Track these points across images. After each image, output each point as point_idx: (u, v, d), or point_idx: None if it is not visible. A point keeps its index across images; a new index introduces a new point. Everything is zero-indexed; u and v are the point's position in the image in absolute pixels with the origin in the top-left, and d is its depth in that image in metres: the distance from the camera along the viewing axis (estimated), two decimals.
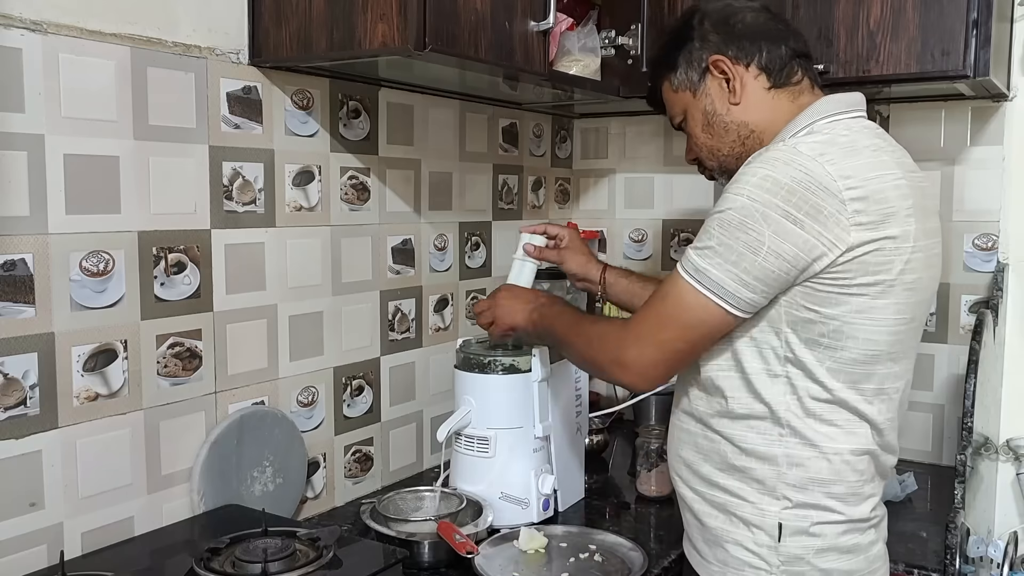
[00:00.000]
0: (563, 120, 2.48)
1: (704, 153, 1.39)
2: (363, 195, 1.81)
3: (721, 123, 1.34)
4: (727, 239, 1.16)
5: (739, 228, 1.15)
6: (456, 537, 1.45)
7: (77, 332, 1.33)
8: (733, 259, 1.15)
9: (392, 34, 1.38)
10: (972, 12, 1.65)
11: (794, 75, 1.32)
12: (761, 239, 1.14)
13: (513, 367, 1.66)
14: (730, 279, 1.16)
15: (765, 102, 1.32)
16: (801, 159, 1.15)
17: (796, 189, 1.13)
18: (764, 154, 1.19)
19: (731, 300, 1.17)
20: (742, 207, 1.15)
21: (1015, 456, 2.00)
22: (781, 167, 1.15)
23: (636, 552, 1.51)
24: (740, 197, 1.15)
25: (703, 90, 1.34)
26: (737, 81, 1.31)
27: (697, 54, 1.34)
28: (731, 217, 1.16)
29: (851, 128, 1.24)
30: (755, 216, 1.14)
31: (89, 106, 1.32)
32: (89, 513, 1.36)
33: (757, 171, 1.16)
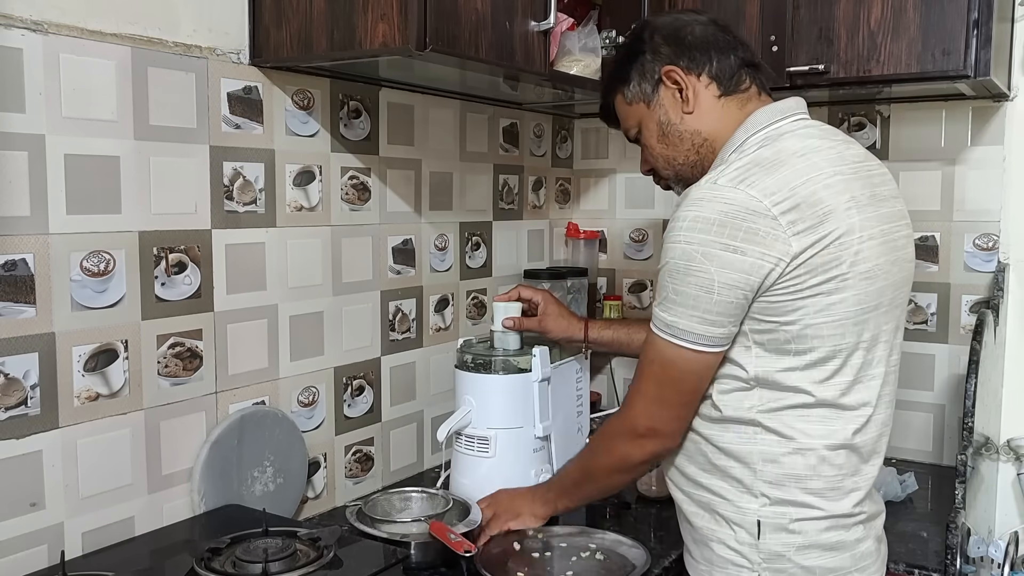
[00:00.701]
0: (564, 120, 2.48)
1: (660, 163, 1.41)
2: (364, 195, 1.81)
3: (676, 132, 1.36)
4: (680, 286, 1.20)
5: (686, 273, 1.19)
6: (451, 536, 1.45)
7: (78, 332, 1.33)
8: (691, 303, 1.20)
9: (392, 34, 1.38)
10: (973, 12, 1.65)
11: (742, 83, 1.34)
12: (711, 277, 1.17)
13: (513, 367, 1.66)
14: (696, 323, 1.20)
15: (716, 110, 1.34)
16: (721, 192, 1.18)
17: (726, 221, 1.16)
18: (690, 194, 1.22)
19: (705, 342, 1.21)
20: (682, 253, 1.19)
21: (1016, 456, 2.00)
22: (706, 205, 1.18)
23: (637, 549, 1.51)
24: (678, 244, 1.20)
25: (657, 101, 1.36)
26: (690, 90, 1.33)
27: (650, 66, 1.36)
28: (676, 265, 1.20)
29: (783, 136, 1.27)
30: (696, 257, 1.18)
31: (90, 106, 1.32)
32: (90, 513, 1.36)
33: (686, 215, 1.19)
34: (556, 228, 2.48)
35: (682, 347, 1.22)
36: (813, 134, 1.29)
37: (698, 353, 1.22)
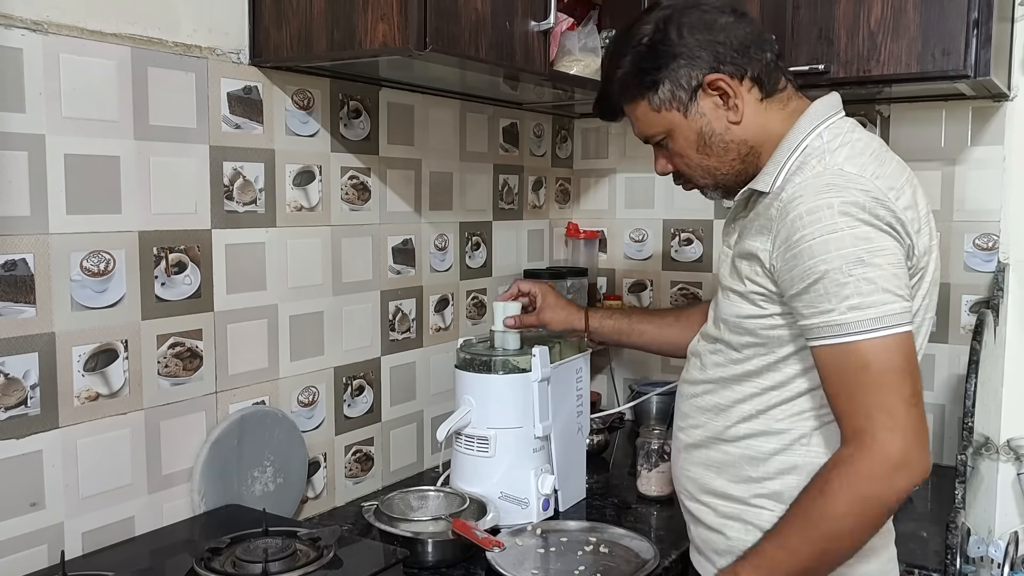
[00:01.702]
0: (564, 120, 2.48)
1: (697, 172, 1.30)
2: (363, 195, 1.81)
3: (720, 143, 1.25)
4: (872, 272, 1.08)
5: (874, 254, 1.08)
6: (477, 534, 1.46)
7: (78, 332, 1.33)
8: (894, 284, 1.09)
9: (392, 34, 1.38)
10: (973, 12, 1.65)
11: (779, 81, 1.26)
12: (895, 252, 1.10)
13: (513, 367, 1.66)
14: (907, 301, 1.10)
15: (760, 115, 1.25)
16: (854, 179, 1.11)
17: (874, 206, 1.10)
18: (808, 183, 1.13)
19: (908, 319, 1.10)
20: (854, 238, 1.08)
21: (1016, 456, 2.00)
22: (846, 191, 1.10)
23: (641, 542, 1.53)
24: (842, 232, 1.08)
25: (696, 110, 1.24)
26: (739, 99, 1.23)
27: (686, 72, 1.23)
28: (853, 254, 1.08)
29: (856, 129, 1.22)
30: (873, 237, 1.09)
31: (90, 106, 1.32)
32: (90, 513, 1.36)
33: (830, 201, 1.09)
34: (556, 228, 2.48)
35: (905, 332, 1.09)
36: (867, 133, 1.24)
37: (909, 334, 1.09)
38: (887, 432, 1.07)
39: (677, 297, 2.42)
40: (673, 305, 2.42)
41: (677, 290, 2.42)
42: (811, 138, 1.22)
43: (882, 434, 1.07)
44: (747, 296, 1.22)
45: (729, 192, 1.32)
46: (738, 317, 1.24)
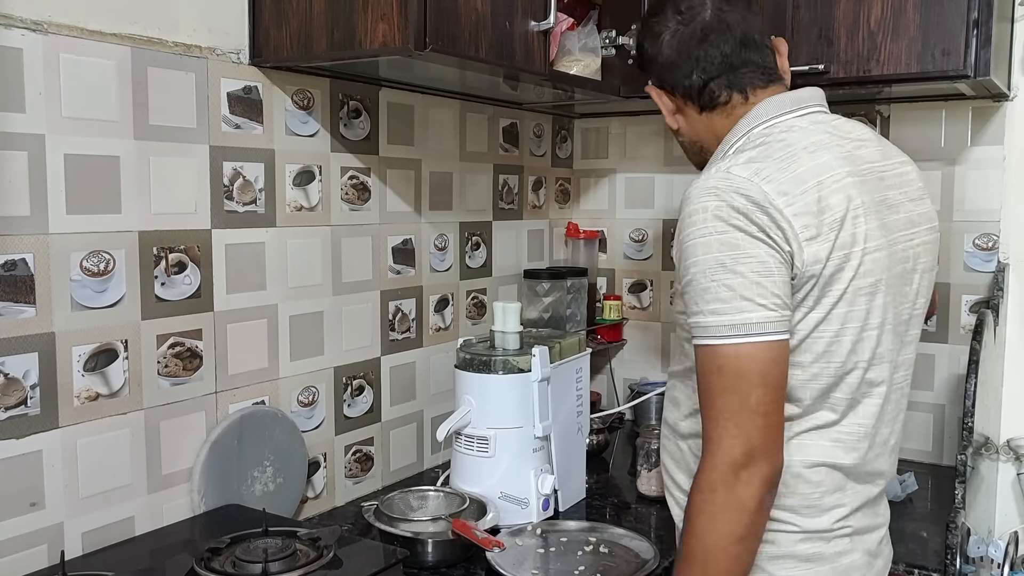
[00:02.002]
0: (563, 120, 2.48)
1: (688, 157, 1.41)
2: (363, 195, 1.81)
3: (680, 138, 1.37)
4: (732, 279, 1.09)
5: (736, 261, 1.09)
6: (477, 534, 1.46)
7: (78, 332, 1.33)
8: (755, 291, 1.09)
9: (392, 34, 1.38)
10: (973, 12, 1.65)
11: (718, 97, 1.27)
12: (764, 259, 1.09)
13: (513, 367, 1.66)
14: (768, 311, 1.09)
15: (702, 122, 1.31)
16: (737, 182, 1.12)
17: (749, 209, 1.10)
18: (698, 184, 1.15)
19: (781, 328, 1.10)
20: (721, 243, 1.10)
21: (1015, 456, 2.00)
22: (724, 193, 1.11)
23: (641, 542, 1.53)
24: (710, 237, 1.11)
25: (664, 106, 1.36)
26: (675, 109, 1.33)
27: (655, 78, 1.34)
28: (717, 259, 1.10)
29: (791, 129, 1.20)
30: (740, 244, 1.09)
31: (89, 106, 1.32)
32: (89, 513, 1.36)
33: (705, 205, 1.12)
34: (556, 228, 2.48)
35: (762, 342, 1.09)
36: (825, 129, 1.22)
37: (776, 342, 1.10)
38: (731, 439, 1.09)
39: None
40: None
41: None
42: (752, 133, 1.22)
43: (727, 441, 1.09)
44: (678, 292, 1.22)
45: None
46: (677, 312, 1.28)
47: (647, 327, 2.48)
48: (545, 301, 2.26)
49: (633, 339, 2.50)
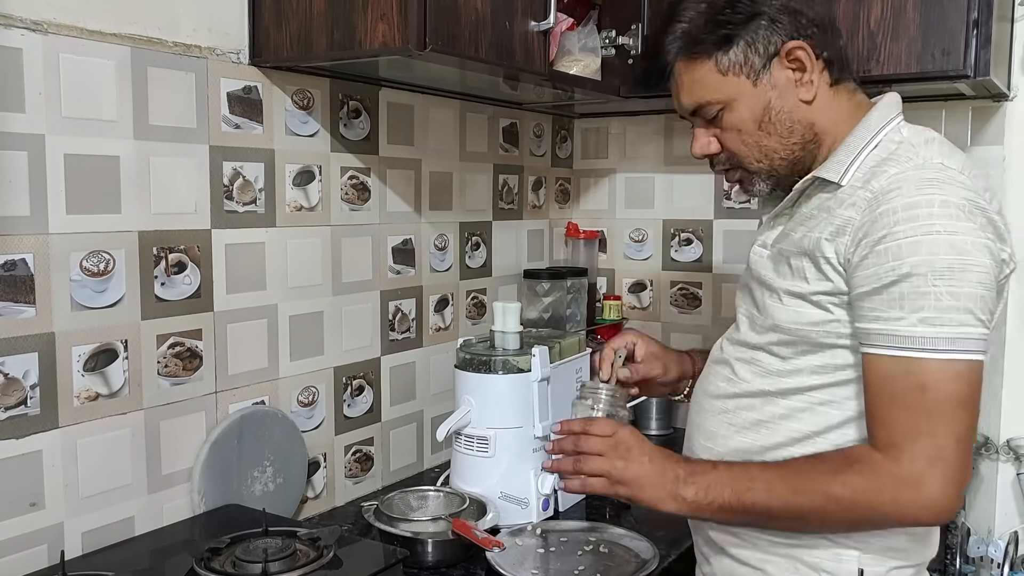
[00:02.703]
0: (563, 120, 2.48)
1: (753, 153, 1.17)
2: (363, 195, 1.81)
3: (786, 121, 1.14)
4: (961, 287, 0.98)
5: (964, 270, 0.98)
6: (477, 534, 1.46)
7: (77, 332, 1.33)
8: (979, 306, 0.99)
9: (392, 34, 1.38)
10: (972, 12, 1.65)
11: (846, 69, 1.18)
12: (989, 271, 0.99)
13: (513, 367, 1.66)
14: (985, 328, 1.00)
15: (829, 100, 1.15)
16: (954, 175, 1.03)
17: (973, 209, 1.00)
18: (909, 175, 1.03)
19: (985, 347, 1.01)
20: (949, 245, 0.98)
21: (1015, 456, 2.00)
22: (947, 187, 1.01)
23: (641, 542, 1.52)
24: (938, 235, 0.98)
25: (767, 80, 1.13)
26: (814, 74, 1.13)
27: (765, 34, 1.12)
28: (945, 263, 0.98)
29: (929, 129, 1.14)
30: (968, 249, 0.98)
31: (89, 106, 1.32)
32: (89, 513, 1.36)
33: (930, 199, 1.00)
34: (556, 228, 2.48)
35: (977, 360, 0.99)
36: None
37: (980, 363, 1.00)
38: (927, 464, 0.99)
39: (677, 297, 2.42)
40: (675, 304, 2.42)
41: (677, 290, 2.42)
42: (888, 131, 1.12)
43: (921, 463, 0.99)
44: (809, 298, 1.10)
45: (779, 183, 1.20)
46: (797, 323, 1.11)
47: (647, 327, 2.47)
48: (545, 301, 2.26)
49: None
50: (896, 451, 1.00)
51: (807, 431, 1.12)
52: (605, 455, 1.17)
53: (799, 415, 1.13)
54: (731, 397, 1.20)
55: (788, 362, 1.13)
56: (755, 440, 1.16)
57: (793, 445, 1.13)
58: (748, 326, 1.20)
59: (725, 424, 1.20)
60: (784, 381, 1.14)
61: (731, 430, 1.19)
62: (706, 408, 1.24)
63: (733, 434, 1.19)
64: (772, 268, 1.16)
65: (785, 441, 1.14)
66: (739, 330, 1.22)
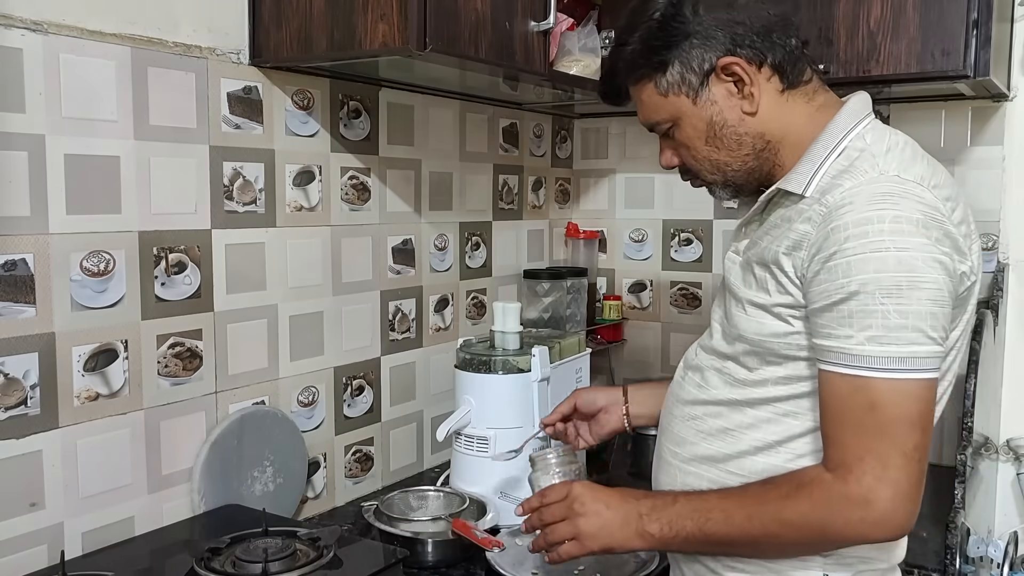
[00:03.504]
0: (563, 120, 2.48)
1: (705, 167, 1.18)
2: (363, 195, 1.81)
3: (732, 135, 1.14)
4: (909, 305, 0.97)
5: (912, 288, 0.97)
6: (477, 534, 1.46)
7: (77, 332, 1.33)
8: (929, 323, 0.98)
9: (392, 34, 1.38)
10: (972, 12, 1.65)
11: (804, 72, 1.14)
12: (940, 287, 0.98)
13: (513, 367, 1.66)
14: (936, 346, 0.99)
15: (780, 107, 1.13)
16: (910, 187, 1.01)
17: (929, 223, 0.98)
18: (862, 189, 1.02)
19: (936, 364, 1.00)
20: (898, 262, 0.97)
21: (1015, 456, 2.00)
22: (901, 202, 0.99)
23: None
24: (887, 252, 0.97)
25: (707, 97, 1.13)
26: (755, 87, 1.11)
27: (698, 53, 1.11)
28: (894, 280, 0.97)
29: (897, 133, 1.12)
30: (919, 266, 0.97)
31: (89, 106, 1.32)
32: (89, 513, 1.36)
33: (881, 214, 0.98)
34: (556, 228, 2.48)
35: (927, 379, 0.99)
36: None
37: (933, 381, 0.99)
38: (875, 482, 0.99)
39: (677, 297, 2.42)
40: (675, 304, 2.42)
41: (677, 290, 2.42)
42: (851, 138, 1.10)
43: (868, 481, 0.99)
44: (771, 309, 1.10)
45: (740, 191, 1.20)
46: (759, 334, 1.11)
47: (647, 327, 2.48)
48: (545, 301, 2.26)
49: (633, 339, 2.50)
50: (845, 471, 1.01)
51: (770, 440, 1.13)
52: (567, 518, 1.17)
53: (763, 425, 1.13)
54: (700, 404, 1.20)
55: (754, 372, 1.14)
56: (720, 448, 1.16)
57: (756, 454, 1.13)
58: (720, 334, 1.20)
59: (693, 430, 1.20)
60: (750, 391, 1.14)
61: (698, 436, 1.19)
62: (676, 413, 1.24)
63: (700, 440, 1.19)
64: (740, 277, 1.16)
65: (748, 450, 1.14)
66: (712, 337, 1.22)
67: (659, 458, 1.28)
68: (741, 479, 1.14)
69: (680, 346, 2.41)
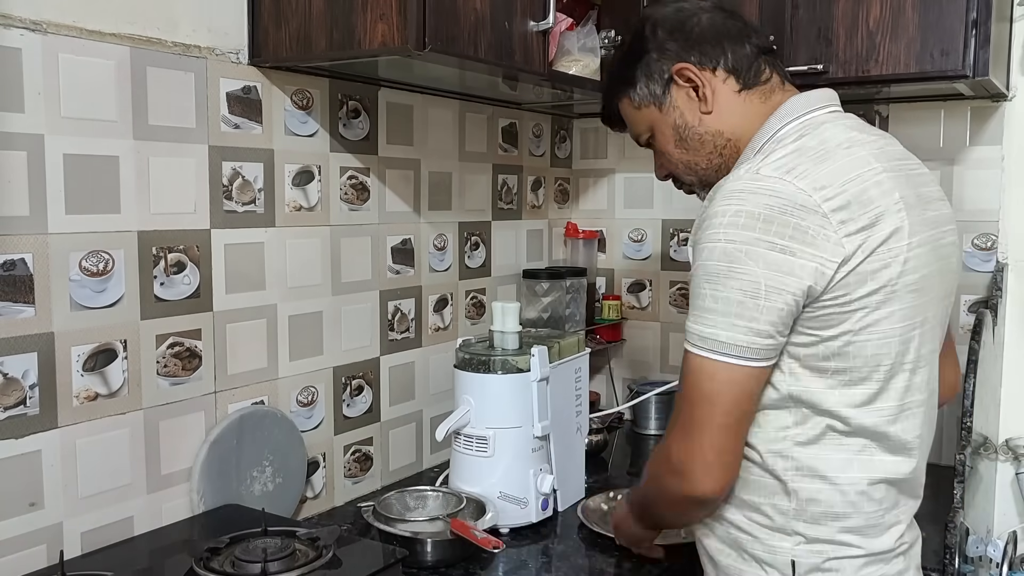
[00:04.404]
0: (562, 120, 2.49)
1: (680, 169, 1.29)
2: (363, 195, 1.81)
3: (695, 135, 1.24)
4: (721, 292, 1.06)
5: (728, 276, 1.06)
6: (476, 534, 1.46)
7: (77, 332, 1.33)
8: (735, 311, 1.06)
9: (392, 34, 1.38)
10: (971, 12, 1.65)
11: (762, 73, 1.23)
12: (757, 280, 1.05)
13: (512, 367, 1.66)
14: (740, 334, 1.06)
15: (737, 106, 1.22)
16: (767, 183, 1.07)
17: (773, 216, 1.04)
18: (725, 186, 1.10)
19: (750, 355, 1.07)
20: (723, 252, 1.06)
21: (1014, 456, 2.01)
22: (749, 197, 1.06)
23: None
24: (717, 243, 1.07)
25: (669, 103, 1.25)
26: (707, 88, 1.21)
27: (657, 65, 1.24)
28: (715, 268, 1.07)
29: (823, 126, 1.16)
30: (740, 257, 1.05)
31: (89, 106, 1.32)
32: (89, 513, 1.36)
33: (725, 209, 1.07)
34: (555, 228, 2.48)
35: (725, 362, 1.07)
36: (853, 126, 1.19)
37: (742, 368, 1.07)
38: (676, 443, 1.13)
39: (676, 297, 2.42)
40: (673, 302, 2.43)
41: (676, 290, 2.42)
42: (780, 133, 1.18)
43: (676, 450, 1.13)
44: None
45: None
46: None
47: (646, 327, 2.48)
48: (544, 301, 2.26)
49: (632, 339, 2.50)
50: (667, 440, 1.16)
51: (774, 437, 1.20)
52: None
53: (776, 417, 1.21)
54: None
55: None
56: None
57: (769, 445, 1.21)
58: None
59: None
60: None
61: None
62: None
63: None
64: None
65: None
66: None
67: None
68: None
69: (679, 346, 2.39)
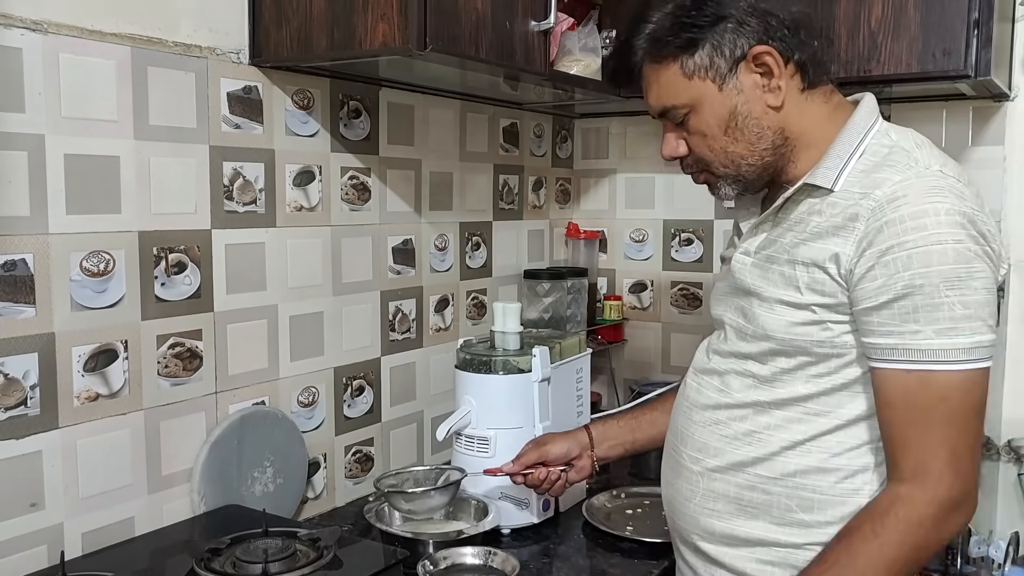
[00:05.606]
0: (564, 120, 2.48)
1: (719, 158, 1.15)
2: (363, 195, 1.81)
3: (755, 127, 1.12)
4: (969, 296, 0.99)
5: (970, 278, 0.99)
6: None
7: (77, 332, 1.33)
8: (988, 311, 1.01)
9: (393, 34, 1.38)
10: (973, 12, 1.64)
11: (823, 75, 1.15)
12: (989, 277, 1.01)
13: (513, 367, 1.66)
14: (992, 334, 1.01)
15: (800, 105, 1.12)
16: (955, 184, 1.03)
17: (974, 218, 1.01)
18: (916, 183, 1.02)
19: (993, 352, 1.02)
20: (956, 254, 0.99)
21: (1016, 457, 2.00)
22: (951, 197, 1.01)
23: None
24: (945, 246, 0.99)
25: (733, 84, 1.10)
26: (781, 79, 1.10)
27: (732, 37, 1.09)
28: (953, 272, 0.99)
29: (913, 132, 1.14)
30: (971, 257, 0.99)
31: (89, 106, 1.32)
32: (89, 513, 1.36)
33: (937, 207, 0.99)
34: (556, 228, 2.48)
35: (986, 367, 1.01)
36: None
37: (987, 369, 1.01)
38: (952, 474, 1.00)
39: (677, 297, 2.42)
40: (678, 306, 2.42)
41: (677, 291, 2.42)
42: (873, 135, 1.12)
43: (947, 475, 1.00)
44: (801, 307, 1.08)
45: (748, 187, 1.18)
46: (789, 333, 1.10)
47: (647, 327, 2.47)
48: (545, 301, 2.26)
49: (633, 339, 2.50)
50: (923, 476, 1.02)
51: (798, 439, 1.12)
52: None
53: (791, 425, 1.13)
54: (722, 408, 1.19)
55: (779, 371, 1.13)
56: (748, 452, 1.16)
57: (785, 455, 1.13)
58: (736, 336, 1.19)
59: (717, 436, 1.19)
60: (776, 391, 1.14)
61: (723, 441, 1.18)
62: (695, 419, 1.23)
63: (724, 445, 1.18)
64: (760, 276, 1.14)
65: (776, 451, 1.14)
66: (726, 340, 1.21)
67: (677, 464, 1.26)
68: (771, 482, 1.13)
69: (680, 346, 2.41)
